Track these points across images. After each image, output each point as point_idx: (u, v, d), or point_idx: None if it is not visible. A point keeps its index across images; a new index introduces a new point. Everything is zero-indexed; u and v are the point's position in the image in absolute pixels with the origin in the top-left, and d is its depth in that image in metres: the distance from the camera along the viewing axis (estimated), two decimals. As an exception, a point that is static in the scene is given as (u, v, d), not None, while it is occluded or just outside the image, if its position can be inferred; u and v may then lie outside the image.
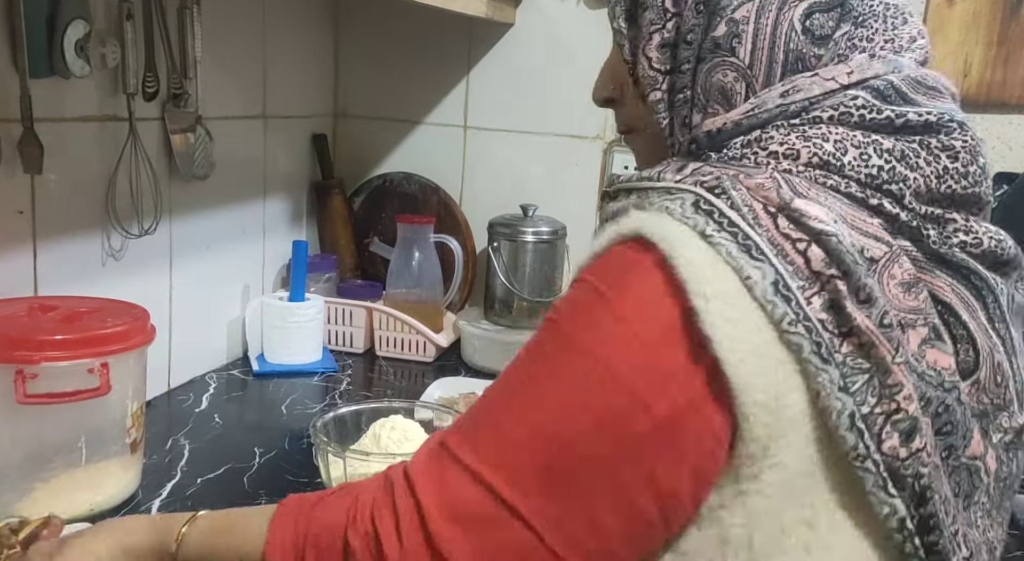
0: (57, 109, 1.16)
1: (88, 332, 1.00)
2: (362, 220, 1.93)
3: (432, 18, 1.83)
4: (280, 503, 0.70)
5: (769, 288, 0.59)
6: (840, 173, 0.65)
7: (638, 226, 0.63)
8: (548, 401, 0.62)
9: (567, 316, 0.64)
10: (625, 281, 0.62)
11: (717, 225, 0.61)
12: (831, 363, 0.59)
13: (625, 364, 0.60)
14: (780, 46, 0.69)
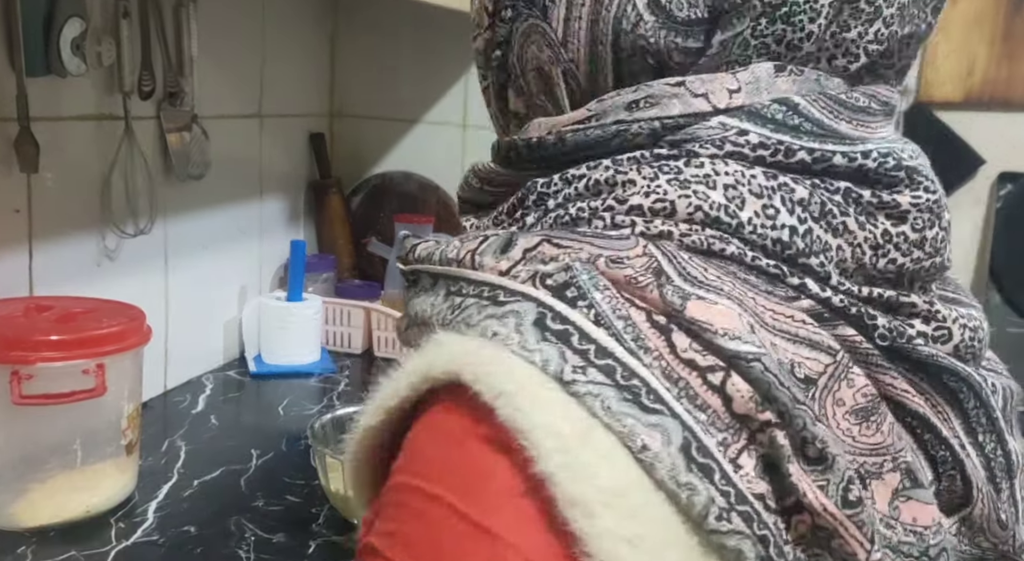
0: (53, 108, 1.16)
1: (84, 333, 1.00)
2: (360, 219, 1.93)
3: (430, 16, 1.82)
4: None
5: (679, 461, 0.36)
6: (739, 235, 0.42)
7: (456, 369, 0.39)
8: None
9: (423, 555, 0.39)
10: (486, 494, 0.38)
11: (580, 359, 0.38)
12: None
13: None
14: (608, 22, 0.45)
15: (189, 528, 1.04)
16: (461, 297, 0.42)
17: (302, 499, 1.13)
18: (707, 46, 0.45)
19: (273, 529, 1.05)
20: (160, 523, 1.05)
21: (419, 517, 0.39)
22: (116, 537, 1.01)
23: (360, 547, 0.42)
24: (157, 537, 1.02)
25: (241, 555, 0.99)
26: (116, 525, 1.04)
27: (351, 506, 1.05)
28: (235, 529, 1.04)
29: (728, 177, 0.42)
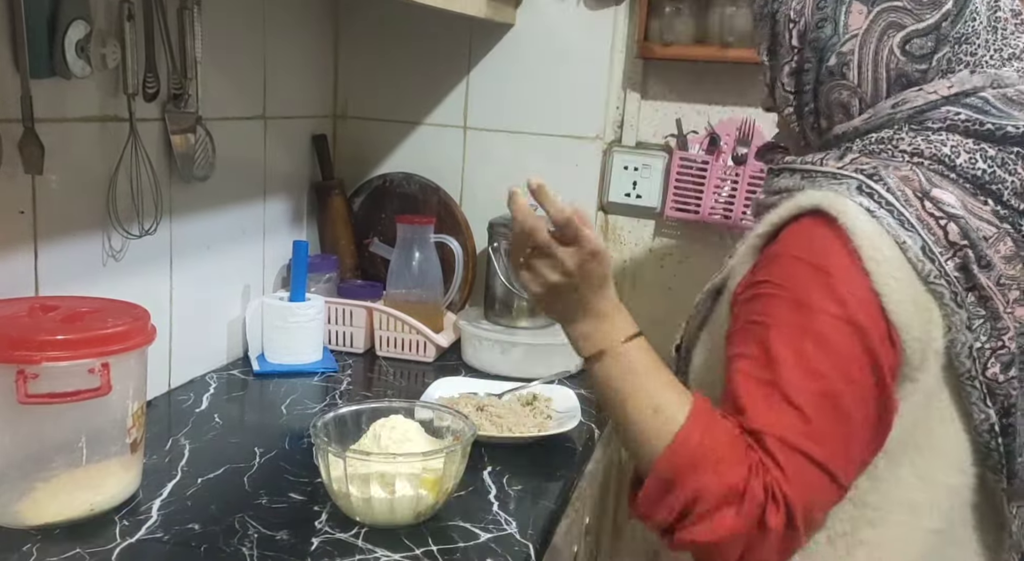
0: (58, 109, 1.16)
1: (89, 332, 1.00)
2: (362, 220, 1.94)
3: (432, 19, 1.83)
4: (697, 403, 0.88)
5: (919, 251, 0.84)
6: (954, 171, 0.88)
7: (818, 203, 0.87)
8: (808, 360, 0.83)
9: (798, 288, 0.85)
10: (827, 253, 0.85)
11: (877, 204, 0.86)
12: (962, 307, 0.86)
13: (848, 311, 0.83)
14: (882, 68, 0.93)
15: (193, 526, 1.05)
16: (812, 178, 0.93)
17: (305, 497, 1.14)
18: (930, 65, 0.92)
19: (276, 527, 1.06)
20: (164, 521, 1.06)
21: (792, 268, 0.86)
22: (120, 535, 1.02)
23: (744, 287, 0.91)
24: (161, 534, 1.03)
25: (244, 552, 1.00)
26: (120, 523, 1.05)
27: (353, 503, 1.06)
28: (238, 527, 1.05)
29: (953, 141, 0.89)
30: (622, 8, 1.77)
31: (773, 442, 0.82)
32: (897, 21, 0.92)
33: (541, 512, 1.15)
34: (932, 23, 0.91)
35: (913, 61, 0.92)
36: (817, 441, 0.82)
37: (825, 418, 0.82)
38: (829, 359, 0.83)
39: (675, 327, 1.85)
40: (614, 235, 1.86)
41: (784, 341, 0.84)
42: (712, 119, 1.76)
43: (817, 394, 0.83)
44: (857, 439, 0.85)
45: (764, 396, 0.84)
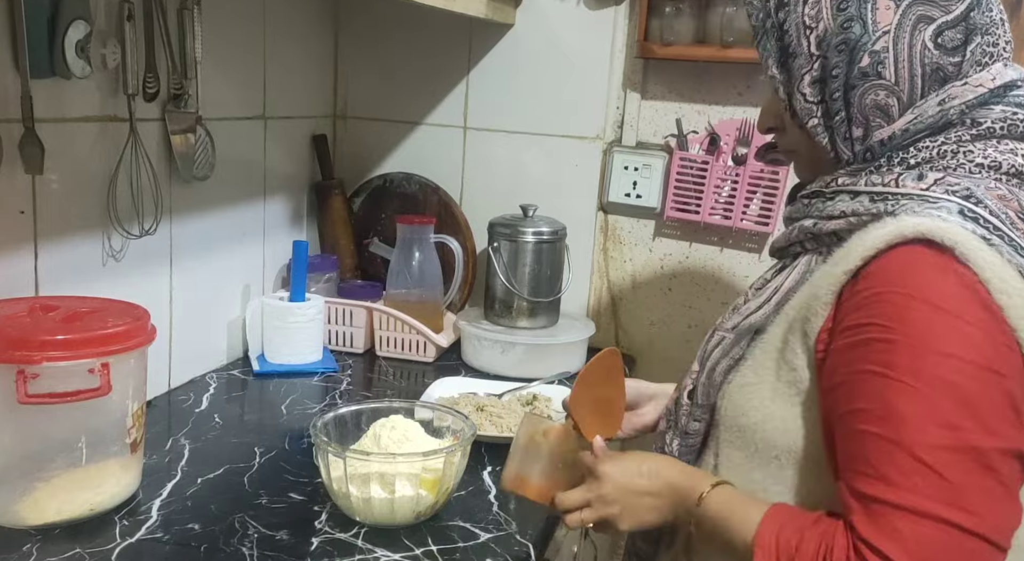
0: (58, 110, 1.17)
1: (89, 332, 1.00)
2: (362, 220, 1.94)
3: (432, 19, 1.83)
4: (771, 507, 0.83)
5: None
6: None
7: (924, 231, 0.78)
8: (940, 412, 0.74)
9: (910, 332, 0.76)
10: (944, 284, 0.77)
11: (986, 230, 0.79)
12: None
13: (981, 354, 0.75)
14: (918, 62, 0.87)
15: (193, 525, 1.05)
16: (891, 202, 0.85)
17: (305, 497, 1.14)
18: (964, 58, 0.87)
19: (276, 526, 1.06)
20: (164, 521, 1.06)
21: (904, 310, 0.77)
22: (120, 534, 1.02)
23: (836, 331, 0.82)
24: (161, 534, 1.03)
25: (244, 552, 1.00)
26: (120, 523, 1.05)
27: (353, 503, 1.06)
28: (238, 526, 1.05)
29: (1021, 150, 0.85)
30: (622, 8, 1.77)
31: (901, 515, 0.74)
32: (926, 14, 0.87)
33: (541, 512, 1.15)
34: (960, 13, 0.87)
35: (946, 54, 0.87)
36: (962, 506, 0.73)
37: (968, 476, 0.73)
38: (966, 411, 0.74)
39: (675, 327, 1.86)
40: (614, 235, 1.86)
41: (909, 394, 0.75)
42: (712, 119, 1.76)
43: (955, 451, 0.74)
44: (1009, 494, 0.75)
45: (891, 460, 0.75)
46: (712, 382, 0.96)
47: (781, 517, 0.82)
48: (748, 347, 0.94)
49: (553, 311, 1.76)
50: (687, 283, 1.84)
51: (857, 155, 0.91)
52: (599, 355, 1.09)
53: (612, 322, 1.89)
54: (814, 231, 0.91)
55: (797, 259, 0.94)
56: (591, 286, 1.89)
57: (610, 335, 1.89)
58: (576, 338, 1.70)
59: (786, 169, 1.67)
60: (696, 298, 1.83)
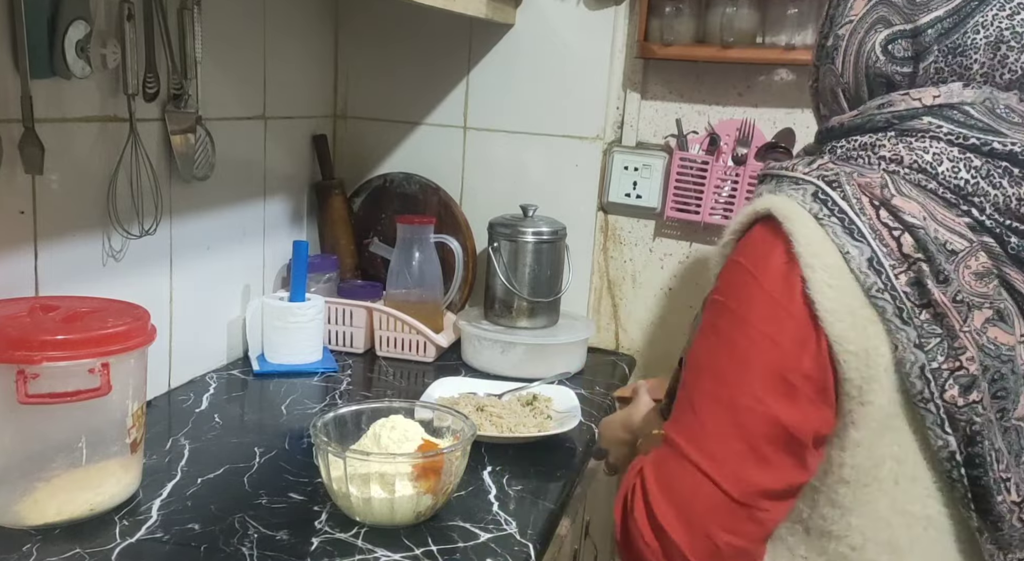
0: (58, 110, 1.17)
1: (89, 332, 1.00)
2: (362, 220, 1.94)
3: (432, 19, 1.83)
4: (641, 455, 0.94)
5: (864, 262, 0.79)
6: (935, 179, 0.82)
7: (768, 206, 0.83)
8: (728, 377, 0.81)
9: (730, 296, 0.84)
10: (765, 259, 0.82)
11: (828, 211, 0.81)
12: (910, 325, 0.79)
13: (779, 330, 0.80)
14: (863, 64, 0.88)
15: (193, 526, 1.05)
16: (780, 182, 0.87)
17: (305, 497, 1.14)
18: (916, 71, 0.86)
19: (276, 526, 1.06)
20: (164, 521, 1.06)
21: (731, 273, 0.85)
22: (120, 535, 1.02)
23: (707, 300, 0.88)
24: (161, 534, 1.03)
25: (244, 552, 1.00)
26: (120, 523, 1.05)
27: (353, 503, 1.06)
28: (238, 526, 1.05)
29: (934, 150, 0.83)
30: (622, 8, 1.77)
31: (663, 447, 0.84)
32: (887, 17, 0.86)
33: (541, 512, 1.15)
34: (916, 27, 0.84)
35: (893, 62, 0.86)
36: (700, 445, 0.81)
37: (718, 425, 0.81)
38: (736, 368, 0.81)
39: (675, 327, 1.86)
40: (614, 235, 1.86)
41: (708, 349, 0.85)
42: (712, 119, 1.76)
43: (716, 401, 0.81)
44: (755, 454, 0.80)
45: (680, 400, 0.86)
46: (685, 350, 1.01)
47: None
48: None
49: (553, 311, 1.76)
50: (687, 283, 1.84)
51: (818, 133, 0.94)
52: None
53: (612, 322, 1.89)
54: None
55: None
56: (591, 286, 1.89)
57: (610, 335, 1.89)
58: (576, 338, 1.70)
59: (786, 169, 1.66)
60: (696, 298, 1.83)
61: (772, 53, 1.65)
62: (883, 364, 0.80)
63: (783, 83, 1.72)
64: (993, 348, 0.81)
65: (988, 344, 0.81)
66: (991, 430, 0.81)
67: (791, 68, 1.71)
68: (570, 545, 1.36)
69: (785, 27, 1.65)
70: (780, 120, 1.73)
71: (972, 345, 0.79)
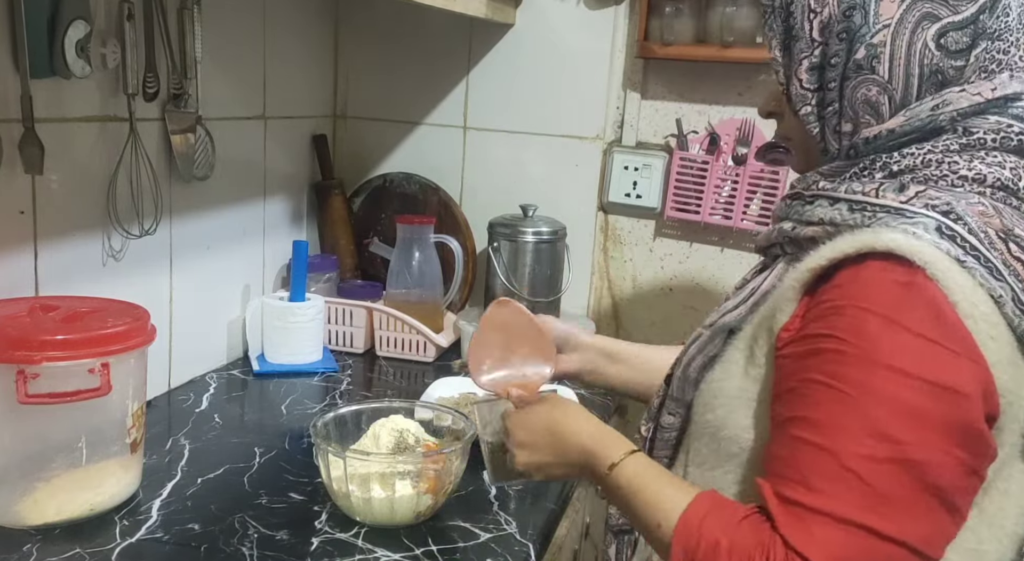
0: (58, 110, 1.17)
1: (89, 332, 1.00)
2: (362, 220, 1.94)
3: (432, 19, 1.83)
4: (699, 494, 0.81)
5: (1010, 305, 0.75)
6: (1017, 196, 0.80)
7: (895, 247, 0.75)
8: (878, 425, 0.72)
9: (862, 345, 0.74)
10: (908, 302, 0.74)
11: (962, 249, 0.76)
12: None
13: (934, 372, 0.73)
14: (915, 62, 0.84)
15: (193, 525, 1.05)
16: (869, 213, 0.80)
17: (305, 497, 1.14)
18: (967, 62, 0.82)
19: (276, 526, 1.06)
20: (164, 521, 1.06)
21: (857, 321, 0.75)
22: (120, 534, 1.02)
23: (795, 338, 0.80)
24: (161, 534, 1.03)
25: (244, 552, 1.00)
26: (120, 523, 1.05)
27: (353, 503, 1.06)
28: (238, 526, 1.05)
29: (1009, 163, 0.80)
30: (622, 8, 1.77)
31: (820, 520, 0.73)
32: (932, 12, 0.83)
33: (541, 512, 1.15)
34: (969, 15, 0.82)
35: (949, 56, 0.82)
36: (880, 512, 0.71)
37: (895, 486, 0.72)
38: (908, 425, 0.72)
39: (675, 327, 1.86)
40: (614, 235, 1.87)
41: (850, 405, 0.74)
42: (712, 119, 1.76)
43: (886, 462, 0.72)
44: (947, 507, 0.74)
45: (817, 466, 0.74)
46: (687, 378, 0.95)
47: (704, 505, 0.80)
48: (723, 346, 0.92)
49: (553, 311, 1.76)
50: (687, 283, 1.84)
51: (842, 151, 0.88)
52: (488, 313, 1.10)
53: (612, 322, 1.89)
54: (792, 235, 0.88)
55: (776, 261, 0.92)
56: (591, 286, 1.89)
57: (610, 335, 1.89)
58: (576, 338, 1.70)
59: (786, 169, 1.67)
60: (696, 298, 1.83)
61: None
62: (1018, 407, 0.77)
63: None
64: None
65: None
66: None
67: (791, 68, 1.71)
68: (570, 545, 1.36)
69: (785, 27, 1.64)
70: (780, 120, 1.73)
71: None
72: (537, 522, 1.12)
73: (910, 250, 0.75)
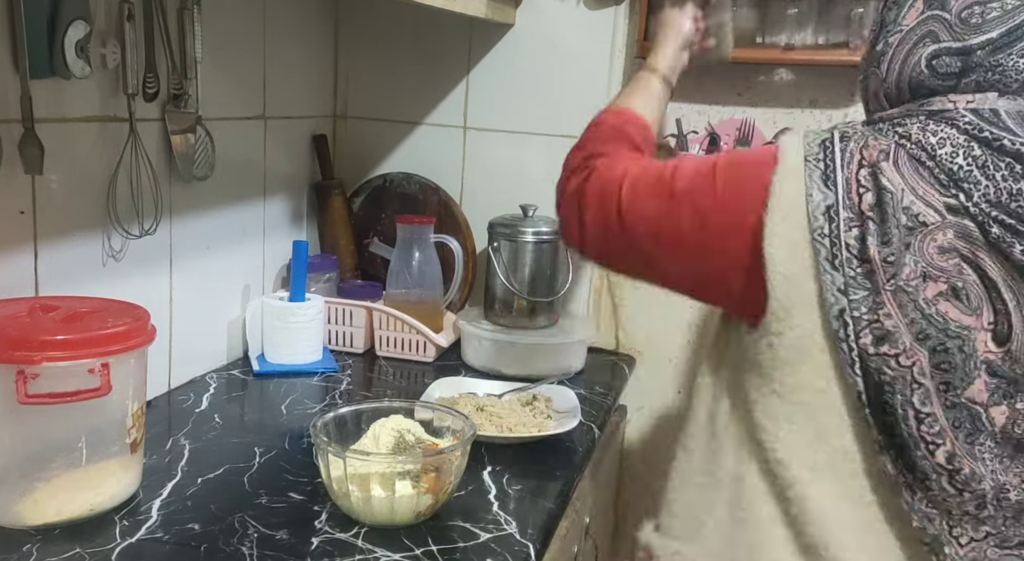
0: (58, 110, 1.17)
1: (89, 332, 1.00)
2: (362, 220, 1.94)
3: (432, 18, 1.83)
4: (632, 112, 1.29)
5: (821, 207, 0.89)
6: (933, 160, 0.88)
7: (787, 138, 0.95)
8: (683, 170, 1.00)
9: (725, 162, 0.98)
10: (753, 159, 0.97)
11: (822, 156, 0.91)
12: (839, 271, 0.88)
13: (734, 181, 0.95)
14: (906, 74, 0.95)
15: (193, 525, 1.05)
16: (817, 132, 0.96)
17: (305, 497, 1.14)
18: (957, 85, 0.91)
19: (276, 526, 1.06)
20: (164, 521, 1.06)
21: (733, 157, 1.00)
22: (120, 535, 1.02)
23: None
24: (161, 534, 1.03)
25: (244, 552, 1.00)
26: (120, 523, 1.05)
27: (353, 503, 1.06)
28: (238, 526, 1.05)
29: (942, 134, 0.89)
30: (622, 8, 1.77)
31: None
32: (935, 32, 0.91)
33: (541, 512, 1.15)
34: (965, 46, 0.90)
35: (936, 77, 0.92)
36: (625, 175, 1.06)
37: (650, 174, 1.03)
38: (692, 171, 0.98)
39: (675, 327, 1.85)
40: (614, 235, 1.86)
41: (697, 170, 0.99)
42: (712, 119, 1.76)
43: (662, 167, 1.02)
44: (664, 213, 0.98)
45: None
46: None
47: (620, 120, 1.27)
48: None
49: (553, 311, 1.76)
50: (687, 283, 1.83)
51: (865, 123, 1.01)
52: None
53: (612, 322, 1.89)
54: None
55: None
56: (591, 286, 1.89)
57: (610, 335, 1.89)
58: (576, 338, 1.70)
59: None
60: (696, 298, 1.83)
61: (772, 53, 1.65)
62: (809, 298, 0.89)
63: (783, 83, 1.72)
64: (940, 320, 0.86)
65: (936, 315, 0.86)
66: (906, 387, 0.87)
67: (791, 68, 1.71)
68: (570, 545, 1.36)
69: (785, 27, 1.64)
70: (780, 120, 1.73)
71: (892, 302, 0.86)
72: (537, 522, 1.12)
73: (784, 140, 0.95)
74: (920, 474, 0.89)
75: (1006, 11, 0.88)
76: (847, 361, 0.88)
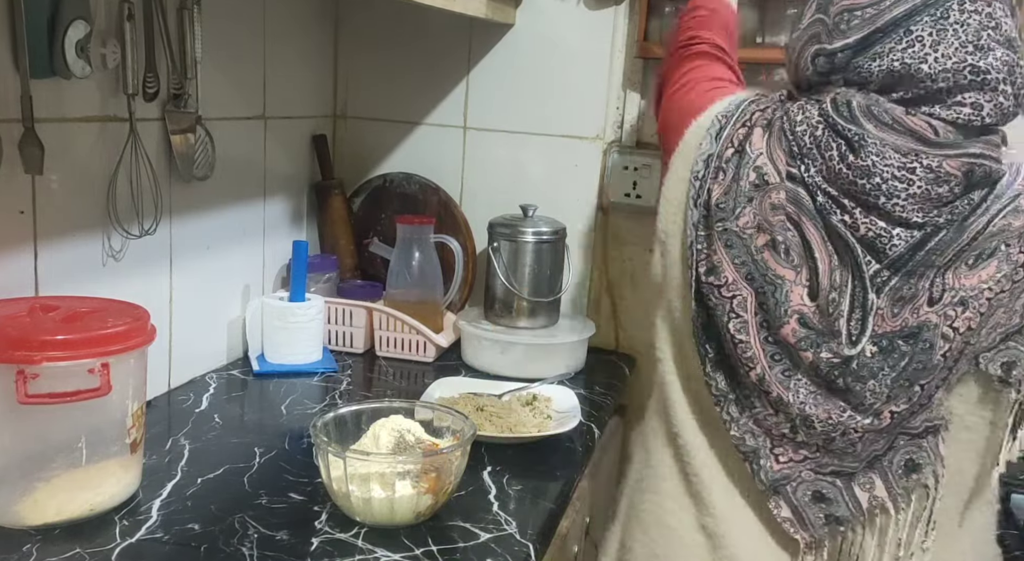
0: (58, 110, 1.17)
1: (89, 332, 1.00)
2: (362, 220, 1.94)
3: (432, 19, 1.83)
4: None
5: (704, 154, 1.09)
6: (793, 134, 1.03)
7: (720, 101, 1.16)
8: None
9: (674, 103, 1.24)
10: (696, 107, 1.17)
11: (731, 114, 1.10)
12: (697, 209, 1.08)
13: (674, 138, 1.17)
14: (799, 66, 1.08)
15: (193, 526, 1.05)
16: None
17: (305, 497, 1.14)
18: (831, 80, 1.03)
19: (276, 527, 1.06)
20: (164, 521, 1.06)
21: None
22: (120, 535, 1.02)
23: None
24: (161, 534, 1.03)
25: (244, 552, 1.00)
26: (120, 523, 1.05)
27: (353, 503, 1.06)
28: (238, 527, 1.05)
29: (808, 113, 1.03)
30: (622, 8, 1.77)
31: None
32: (819, 34, 1.04)
33: (541, 512, 1.15)
34: (833, 49, 1.02)
35: (816, 74, 1.05)
36: None
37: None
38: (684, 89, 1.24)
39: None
40: (614, 235, 1.86)
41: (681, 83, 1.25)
42: (712, 119, 1.76)
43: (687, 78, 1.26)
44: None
45: None
46: None
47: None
48: None
49: (553, 311, 1.76)
50: (687, 283, 1.83)
51: None
52: None
53: (612, 322, 1.89)
54: None
55: None
56: (591, 286, 1.89)
57: (610, 335, 1.89)
58: (576, 338, 1.70)
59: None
60: (696, 298, 1.83)
61: (772, 53, 1.65)
62: (679, 228, 1.10)
63: (783, 83, 1.72)
64: (763, 267, 1.03)
65: (760, 262, 1.03)
66: (724, 315, 1.04)
67: (791, 68, 1.71)
68: (570, 545, 1.36)
69: (785, 27, 1.65)
70: (780, 120, 1.73)
71: (718, 242, 1.04)
72: (537, 522, 1.12)
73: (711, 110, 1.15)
74: (746, 390, 1.06)
75: (864, 19, 0.99)
76: (689, 285, 1.08)
